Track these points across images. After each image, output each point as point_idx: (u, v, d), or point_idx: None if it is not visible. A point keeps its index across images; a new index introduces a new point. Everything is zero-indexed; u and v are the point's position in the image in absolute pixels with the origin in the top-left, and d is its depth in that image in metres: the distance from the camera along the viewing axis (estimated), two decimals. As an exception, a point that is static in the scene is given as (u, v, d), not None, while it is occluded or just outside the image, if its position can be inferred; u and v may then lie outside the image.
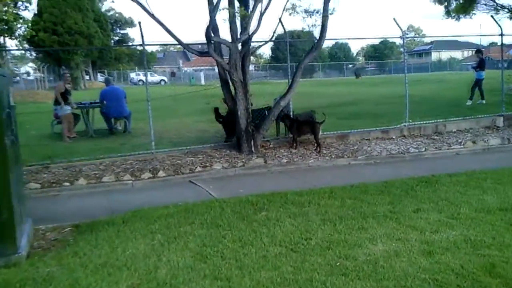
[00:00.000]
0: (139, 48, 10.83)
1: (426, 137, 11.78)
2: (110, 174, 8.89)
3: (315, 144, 10.60)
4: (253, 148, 9.94)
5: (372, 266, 4.33)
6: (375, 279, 4.06)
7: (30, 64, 71.20)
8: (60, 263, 4.66)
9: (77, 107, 13.38)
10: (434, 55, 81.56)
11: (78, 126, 13.92)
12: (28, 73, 67.07)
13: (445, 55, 79.20)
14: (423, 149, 10.74)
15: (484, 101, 16.57)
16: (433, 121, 12.51)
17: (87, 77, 62.95)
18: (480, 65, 16.77)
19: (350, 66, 79.69)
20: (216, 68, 10.26)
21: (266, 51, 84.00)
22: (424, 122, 12.40)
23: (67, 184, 8.50)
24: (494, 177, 7.57)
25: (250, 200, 6.69)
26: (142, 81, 66.51)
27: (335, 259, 4.50)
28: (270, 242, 4.99)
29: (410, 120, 12.51)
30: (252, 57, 10.11)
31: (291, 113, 11.23)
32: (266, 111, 10.74)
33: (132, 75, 68.21)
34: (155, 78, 68.01)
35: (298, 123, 10.58)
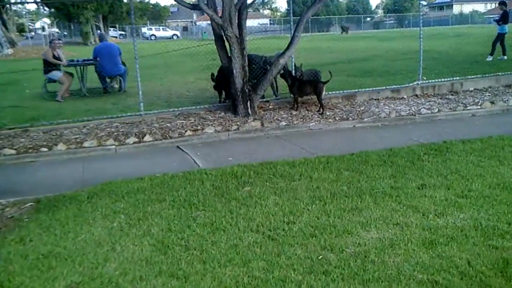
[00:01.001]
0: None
1: (441, 97, 10.85)
2: (92, 139, 8.22)
3: (318, 105, 9.76)
4: (249, 110, 9.16)
5: (361, 261, 3.61)
6: (362, 280, 3.36)
7: (45, 19, 70.12)
8: (-1, 252, 4.03)
9: (69, 65, 12.63)
10: (456, 8, 78.51)
11: (72, 85, 13.22)
12: (43, 28, 66.44)
13: (467, 7, 76.19)
14: (436, 110, 9.84)
15: (505, 57, 15.43)
16: (449, 79, 11.55)
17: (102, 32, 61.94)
18: (503, 19, 15.51)
19: (368, 19, 77.43)
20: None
21: (282, 5, 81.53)
22: (439, 80, 11.43)
23: (44, 150, 7.86)
24: (513, 145, 6.72)
25: (235, 171, 5.97)
26: (155, 36, 65.46)
27: (317, 251, 3.79)
28: (246, 227, 4.29)
29: (424, 78, 11.56)
30: (267, 11, 9.14)
31: (293, 71, 10.34)
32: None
33: (144, 30, 67.05)
34: (168, 32, 66.75)
35: (300, 82, 9.71)
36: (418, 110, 9.81)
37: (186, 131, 8.58)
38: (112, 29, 68.41)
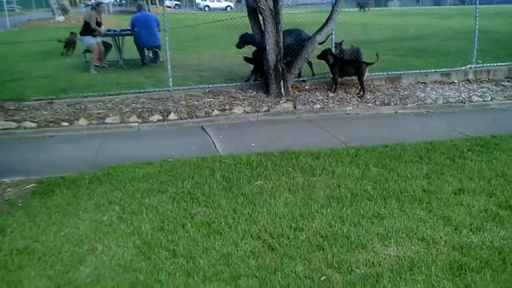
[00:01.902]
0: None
1: (495, 83, 9.85)
2: (115, 114, 7.88)
3: (359, 87, 9.04)
4: (282, 90, 8.55)
5: (370, 286, 3.04)
6: (366, 314, 2.79)
7: (103, -13, 70.72)
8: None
9: (106, 34, 12.34)
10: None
11: (111, 55, 12.98)
12: (100, -4, 67.23)
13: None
14: (489, 98, 8.93)
15: None
16: (506, 63, 10.46)
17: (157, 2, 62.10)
18: None
19: (429, -6, 74.11)
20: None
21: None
22: (495, 64, 10.38)
23: (65, 124, 7.59)
24: None
25: (251, 161, 5.45)
26: (208, 6, 65.00)
27: (322, 269, 3.24)
28: (246, 231, 3.78)
29: (479, 61, 10.54)
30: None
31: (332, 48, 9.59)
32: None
33: (198, 0, 66.74)
34: (221, 4, 66.06)
35: (342, 62, 8.98)
36: (469, 97, 8.92)
37: (213, 110, 8.10)
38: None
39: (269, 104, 8.37)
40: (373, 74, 9.74)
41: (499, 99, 8.89)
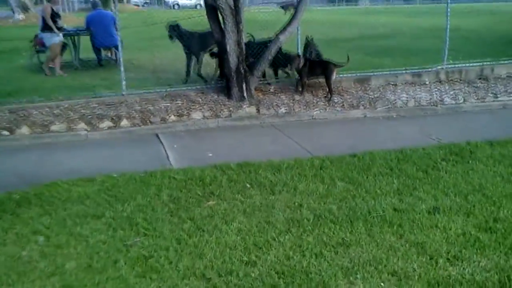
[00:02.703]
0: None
1: (468, 84, 9.49)
2: (62, 122, 7.20)
3: (326, 90, 8.54)
4: (245, 93, 7.99)
5: None
6: None
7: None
8: None
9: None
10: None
11: (65, 56, 12.20)
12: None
13: (503, -18, 72.53)
14: (461, 100, 8.56)
15: (545, 38, 13.83)
16: (478, 63, 10.12)
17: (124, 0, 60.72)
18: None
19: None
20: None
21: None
22: (467, 64, 10.02)
23: (5, 133, 6.90)
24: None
25: (205, 176, 4.88)
26: (178, 4, 63.81)
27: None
28: (189, 268, 3.21)
29: (450, 60, 10.16)
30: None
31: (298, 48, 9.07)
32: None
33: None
34: (191, 1, 65.06)
35: (310, 63, 8.43)
36: (441, 99, 8.53)
37: (170, 116, 7.50)
38: (133, -5, 67.04)
39: (230, 108, 7.81)
40: (341, 75, 9.25)
41: (472, 101, 8.54)
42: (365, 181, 4.71)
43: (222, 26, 7.83)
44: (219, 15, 7.79)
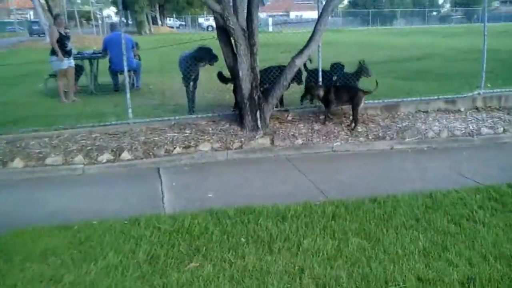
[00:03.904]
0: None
1: (508, 112, 8.57)
2: (59, 154, 6.66)
3: (350, 118, 7.79)
4: (259, 122, 7.31)
5: None
6: None
7: (112, 8, 70.07)
8: None
9: (75, 57, 11.20)
10: (531, 1, 72.47)
11: (82, 80, 11.85)
12: (109, 16, 67.01)
13: (544, 1, 70.26)
14: (501, 130, 7.65)
15: None
16: (519, 88, 9.19)
17: (159, 22, 61.41)
18: None
19: (434, 13, 73.34)
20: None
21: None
22: (507, 89, 9.10)
23: (-2, 166, 6.36)
24: None
25: (194, 227, 4.18)
26: (212, 26, 64.09)
27: None
28: None
29: (488, 85, 9.26)
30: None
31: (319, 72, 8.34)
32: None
33: (201, 20, 66.05)
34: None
35: (335, 90, 7.70)
36: (478, 129, 7.64)
37: (175, 147, 6.86)
38: (168, 18, 67.73)
39: (242, 139, 7.13)
40: (367, 102, 8.47)
41: (514, 131, 7.61)
42: (384, 237, 3.92)
43: (234, 49, 7.21)
44: (231, 38, 7.17)
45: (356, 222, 4.19)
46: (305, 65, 8.33)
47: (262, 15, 66.54)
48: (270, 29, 50.15)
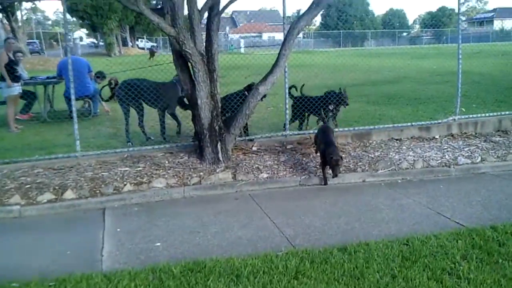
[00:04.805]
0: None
1: (485, 139, 8.14)
2: (-7, 194, 5.88)
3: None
4: (220, 155, 6.69)
5: None
6: None
7: (83, 29, 68.99)
8: None
9: (27, 83, 10.48)
10: (496, 24, 74.31)
11: (35, 106, 11.10)
12: (80, 38, 65.96)
13: (508, 23, 72.07)
14: (479, 159, 7.20)
15: None
16: (495, 113, 8.81)
17: (130, 43, 60.65)
18: None
19: (405, 34, 74.64)
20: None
21: (317, 18, 78.75)
22: (483, 114, 8.70)
23: None
24: None
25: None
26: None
27: None
28: None
29: (463, 109, 8.85)
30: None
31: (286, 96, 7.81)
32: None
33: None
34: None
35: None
36: (454, 159, 7.17)
37: (125, 184, 6.17)
38: (140, 40, 66.93)
39: (201, 173, 6.49)
40: (337, 130, 7.97)
41: (491, 160, 7.17)
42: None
43: (192, 75, 6.60)
44: (189, 63, 6.57)
45: (322, 282, 3.57)
46: (289, 92, 8.04)
47: (234, 36, 66.54)
48: (242, 50, 49.93)
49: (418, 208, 5.42)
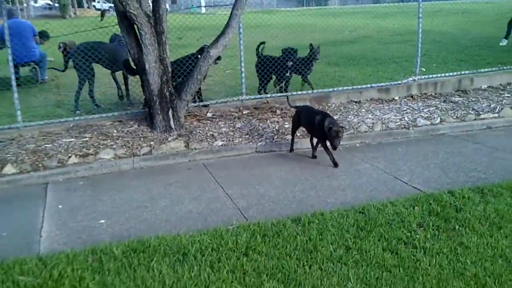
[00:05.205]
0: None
1: (444, 99, 8.05)
2: None
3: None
4: (171, 122, 6.37)
5: None
6: None
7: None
8: None
9: (-34, 48, 9.77)
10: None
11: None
12: (35, 0, 62.93)
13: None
14: (438, 120, 7.10)
15: (524, 41, 12.57)
16: (455, 73, 8.70)
17: (86, 4, 58.29)
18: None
19: (368, -8, 74.36)
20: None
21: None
22: (442, 74, 8.59)
23: None
24: None
25: (64, 278, 3.20)
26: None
27: None
28: None
29: (423, 69, 8.72)
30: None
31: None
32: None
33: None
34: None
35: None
36: (413, 120, 7.05)
37: (70, 156, 5.80)
38: (96, 0, 64.39)
39: (152, 143, 6.16)
40: (295, 93, 7.73)
41: (451, 121, 7.08)
42: (307, 277, 3.12)
43: (139, 38, 6.18)
44: (134, 25, 6.14)
45: (273, 258, 3.37)
46: (257, 50, 7.75)
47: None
48: (203, 10, 48.65)
49: (376, 174, 5.27)
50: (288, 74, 7.81)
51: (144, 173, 5.61)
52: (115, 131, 6.49)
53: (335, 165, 5.51)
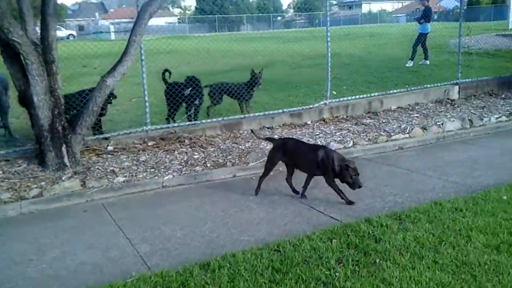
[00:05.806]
0: None
1: (356, 121, 7.99)
2: None
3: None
4: (65, 159, 5.73)
5: None
6: None
7: None
8: None
9: None
10: (364, 7, 78.82)
11: None
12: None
13: (375, 6, 76.76)
14: (351, 144, 7.00)
15: (428, 62, 13.05)
16: (365, 95, 8.72)
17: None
18: (426, 16, 13.03)
19: (279, 18, 76.34)
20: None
21: (192, 3, 77.80)
22: (353, 97, 8.57)
23: None
24: (484, 225, 3.89)
25: None
26: (73, 35, 58.64)
27: None
28: None
29: (334, 92, 8.66)
30: (175, 9, 5.56)
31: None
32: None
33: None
34: (62, 32, 60.38)
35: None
36: (327, 145, 6.85)
37: None
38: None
39: (43, 183, 5.49)
40: (204, 121, 7.33)
41: (363, 144, 7.00)
42: None
43: (25, 68, 5.53)
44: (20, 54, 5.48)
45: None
46: (164, 77, 7.34)
47: (105, 22, 63.24)
48: (112, 36, 47.42)
49: (291, 204, 4.96)
50: (197, 102, 7.42)
51: (33, 218, 4.92)
52: (1, 171, 5.73)
53: (350, 202, 4.82)
